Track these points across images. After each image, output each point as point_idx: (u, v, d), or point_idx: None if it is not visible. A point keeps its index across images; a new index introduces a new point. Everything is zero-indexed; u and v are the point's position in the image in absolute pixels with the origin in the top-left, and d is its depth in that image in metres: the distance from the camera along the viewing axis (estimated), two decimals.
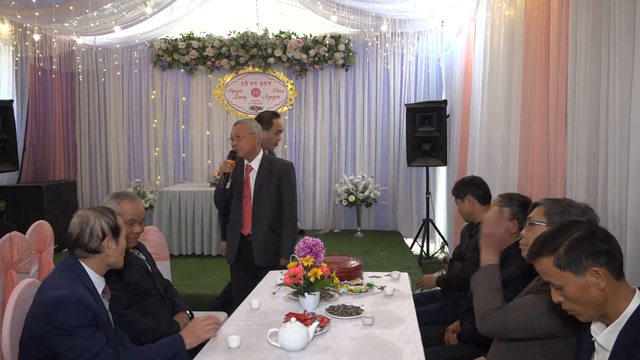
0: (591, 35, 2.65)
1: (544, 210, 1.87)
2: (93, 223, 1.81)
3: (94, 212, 1.85)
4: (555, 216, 1.82)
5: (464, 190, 2.90)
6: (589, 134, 2.68)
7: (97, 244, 1.80)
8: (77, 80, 7.31)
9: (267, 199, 3.21)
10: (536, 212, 1.90)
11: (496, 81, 4.14)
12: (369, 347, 1.89)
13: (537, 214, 1.89)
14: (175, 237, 5.79)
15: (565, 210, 1.82)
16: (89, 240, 1.79)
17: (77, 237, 1.80)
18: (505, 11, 3.99)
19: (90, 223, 1.80)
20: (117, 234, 1.86)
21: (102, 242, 1.81)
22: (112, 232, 1.83)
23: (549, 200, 1.91)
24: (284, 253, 3.18)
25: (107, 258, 1.84)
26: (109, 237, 1.82)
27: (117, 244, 1.85)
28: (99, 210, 1.88)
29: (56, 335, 1.67)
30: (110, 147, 7.41)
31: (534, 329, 1.72)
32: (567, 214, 1.81)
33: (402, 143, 6.93)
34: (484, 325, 1.83)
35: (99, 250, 1.81)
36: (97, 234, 1.80)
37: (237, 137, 3.19)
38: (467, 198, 2.87)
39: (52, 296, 1.70)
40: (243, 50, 7.03)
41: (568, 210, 1.82)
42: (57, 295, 1.69)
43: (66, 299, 1.68)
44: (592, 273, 1.31)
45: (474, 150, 4.78)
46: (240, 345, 1.89)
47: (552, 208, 1.85)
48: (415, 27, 6.53)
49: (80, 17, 5.55)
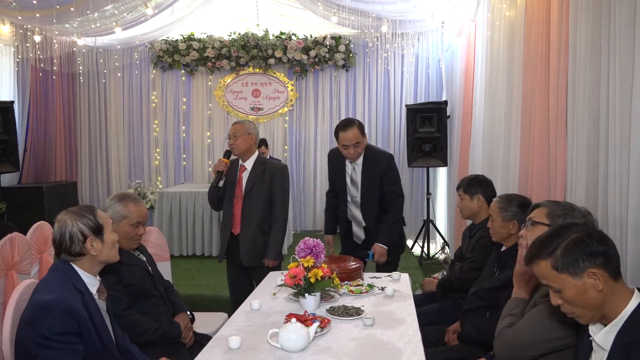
0: (591, 36, 2.66)
1: (546, 212, 1.86)
2: (71, 227, 1.76)
3: (72, 215, 1.79)
4: (558, 218, 1.81)
5: (476, 188, 2.85)
6: (589, 134, 2.68)
7: (79, 247, 1.76)
8: (78, 81, 7.32)
9: (258, 199, 3.22)
10: (538, 212, 1.89)
11: (496, 82, 4.14)
12: (369, 347, 1.89)
13: (539, 215, 1.88)
14: (176, 238, 5.80)
15: (568, 213, 1.82)
16: (70, 244, 1.76)
17: (59, 243, 1.77)
18: (505, 12, 4.00)
19: (68, 227, 1.76)
20: (100, 232, 1.81)
21: (85, 245, 1.77)
22: (93, 232, 1.78)
23: (550, 202, 1.90)
24: (270, 253, 3.21)
25: (97, 257, 1.80)
26: (90, 237, 1.77)
27: (102, 242, 1.81)
28: (77, 211, 1.81)
29: (36, 344, 1.65)
30: (111, 148, 7.42)
31: (542, 341, 1.68)
32: (570, 217, 1.80)
33: (402, 144, 6.94)
34: (496, 346, 1.82)
35: (84, 252, 1.77)
36: (77, 237, 1.76)
37: (234, 136, 3.22)
38: (477, 197, 2.83)
39: (39, 300, 1.69)
40: (243, 51, 7.04)
41: (571, 213, 1.81)
42: (44, 300, 1.68)
43: (51, 305, 1.66)
44: (590, 275, 1.31)
45: (475, 151, 4.78)
46: (241, 346, 1.89)
47: (555, 210, 1.84)
48: (415, 28, 6.53)
49: (81, 18, 5.56)
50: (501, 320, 1.89)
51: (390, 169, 3.27)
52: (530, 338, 1.70)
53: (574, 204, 1.90)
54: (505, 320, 1.86)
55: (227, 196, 3.31)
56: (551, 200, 1.94)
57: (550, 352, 1.69)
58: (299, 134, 7.32)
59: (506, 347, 1.78)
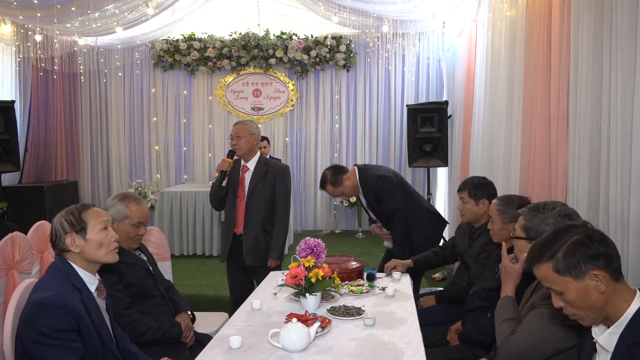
0: (593, 36, 2.65)
1: (522, 224, 1.88)
2: (56, 223, 1.80)
3: (63, 211, 1.83)
4: (531, 231, 1.84)
5: (482, 191, 2.75)
6: (591, 134, 2.67)
7: (62, 242, 1.78)
8: (79, 81, 7.33)
9: (260, 199, 3.24)
10: (518, 223, 1.92)
11: (498, 82, 4.14)
12: (370, 347, 1.88)
13: (518, 227, 1.91)
14: (177, 238, 5.81)
15: (542, 221, 1.83)
16: (56, 239, 1.80)
17: (50, 237, 1.82)
18: (506, 12, 3.99)
19: (55, 223, 1.80)
20: (82, 230, 1.79)
21: (65, 240, 1.78)
22: (72, 228, 1.78)
23: (528, 211, 1.90)
24: (273, 253, 3.22)
25: (83, 254, 1.79)
26: (69, 234, 1.78)
27: (84, 240, 1.79)
28: (68, 209, 1.84)
29: (34, 342, 1.64)
30: (112, 148, 7.43)
31: (546, 346, 1.68)
32: (545, 224, 1.81)
33: (403, 144, 6.95)
34: (500, 355, 1.81)
35: (66, 249, 1.79)
36: (60, 233, 1.78)
37: (237, 137, 3.23)
38: (482, 201, 2.73)
39: (36, 298, 1.69)
40: (244, 51, 7.04)
41: (546, 220, 1.82)
42: (41, 298, 1.68)
43: (48, 302, 1.66)
44: (592, 277, 1.31)
45: (476, 151, 4.77)
46: (242, 346, 1.89)
47: (530, 220, 1.86)
48: (416, 28, 6.53)
49: (82, 17, 5.56)
50: (499, 324, 1.88)
51: (378, 191, 3.45)
52: (534, 343, 1.69)
53: (551, 202, 1.90)
54: (504, 325, 1.85)
55: (229, 196, 3.31)
56: (530, 206, 1.94)
57: (553, 355, 1.69)
58: (299, 133, 7.32)
59: (512, 357, 1.77)
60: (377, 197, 3.45)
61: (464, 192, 2.80)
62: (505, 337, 1.80)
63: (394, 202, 3.42)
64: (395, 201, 3.42)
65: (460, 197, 2.83)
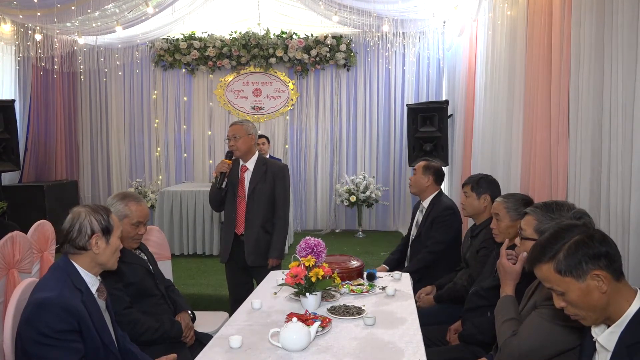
0: (594, 35, 2.65)
1: (534, 225, 1.84)
2: (83, 219, 1.78)
3: (88, 208, 1.82)
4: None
5: (485, 187, 2.78)
6: (592, 134, 2.67)
7: (84, 240, 1.77)
8: (79, 80, 7.32)
9: (260, 199, 3.23)
10: (526, 223, 1.88)
11: (498, 81, 4.13)
12: (370, 347, 1.88)
13: (528, 227, 1.87)
14: (177, 237, 5.80)
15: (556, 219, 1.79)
16: (77, 236, 1.77)
17: (66, 232, 1.79)
18: (507, 11, 3.98)
19: (80, 219, 1.78)
20: (108, 233, 1.82)
21: (90, 240, 1.78)
22: (101, 231, 1.80)
23: (539, 210, 1.87)
24: (273, 253, 3.22)
25: (97, 257, 1.80)
26: (97, 234, 1.79)
27: (107, 243, 1.81)
28: (94, 207, 1.84)
29: (35, 342, 1.64)
30: (112, 147, 7.43)
31: (547, 346, 1.67)
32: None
33: (403, 143, 6.94)
34: (502, 356, 1.81)
35: (87, 248, 1.78)
36: (86, 231, 1.77)
37: (234, 138, 3.22)
38: (484, 196, 2.77)
39: (37, 298, 1.69)
40: (244, 50, 7.04)
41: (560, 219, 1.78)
42: (42, 298, 1.67)
43: (49, 303, 1.65)
44: (593, 277, 1.30)
45: (477, 150, 4.77)
46: (242, 345, 1.89)
47: (543, 221, 1.82)
48: (416, 28, 6.53)
49: (82, 17, 5.56)
50: (500, 325, 1.88)
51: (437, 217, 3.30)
52: (536, 345, 1.69)
53: (565, 203, 1.88)
54: (505, 326, 1.84)
55: (229, 196, 3.31)
56: (541, 205, 1.90)
57: (555, 356, 1.68)
58: (299, 133, 7.31)
59: (515, 359, 1.76)
60: (432, 221, 3.29)
61: (467, 186, 2.85)
62: (507, 338, 1.80)
63: (443, 235, 3.25)
64: (446, 236, 3.25)
65: (464, 190, 2.87)
